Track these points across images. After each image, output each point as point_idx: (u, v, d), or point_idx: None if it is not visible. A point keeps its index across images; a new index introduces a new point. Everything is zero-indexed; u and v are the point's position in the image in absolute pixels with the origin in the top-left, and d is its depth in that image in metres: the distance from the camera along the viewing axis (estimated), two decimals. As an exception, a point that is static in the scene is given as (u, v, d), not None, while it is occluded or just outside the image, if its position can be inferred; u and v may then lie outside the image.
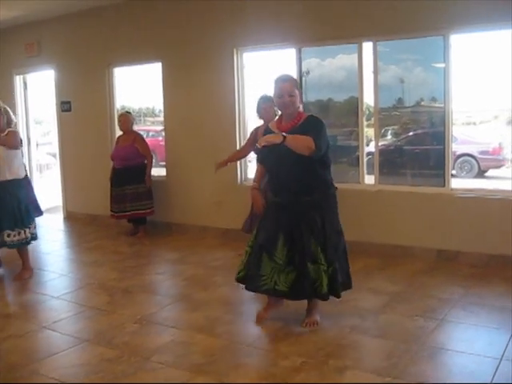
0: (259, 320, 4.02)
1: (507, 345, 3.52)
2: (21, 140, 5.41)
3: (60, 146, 8.65)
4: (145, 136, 7.75)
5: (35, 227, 5.44)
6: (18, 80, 9.05)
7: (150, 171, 7.03)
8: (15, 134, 5.31)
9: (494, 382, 3.07)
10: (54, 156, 11.63)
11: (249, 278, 3.95)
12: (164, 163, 7.83)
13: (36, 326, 4.11)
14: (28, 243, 5.37)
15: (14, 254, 5.47)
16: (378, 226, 5.90)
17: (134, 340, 3.80)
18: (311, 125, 3.77)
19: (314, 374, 3.25)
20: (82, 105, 8.17)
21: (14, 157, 5.25)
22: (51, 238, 7.55)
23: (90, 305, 4.57)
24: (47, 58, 8.44)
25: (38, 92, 9.48)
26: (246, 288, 4.01)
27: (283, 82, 3.82)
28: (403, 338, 3.69)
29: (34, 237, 5.42)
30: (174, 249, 6.47)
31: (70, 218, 8.43)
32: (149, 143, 7.29)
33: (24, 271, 5.42)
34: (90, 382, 3.22)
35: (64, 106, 8.39)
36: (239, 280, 4.07)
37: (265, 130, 4.07)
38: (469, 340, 3.66)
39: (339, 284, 3.87)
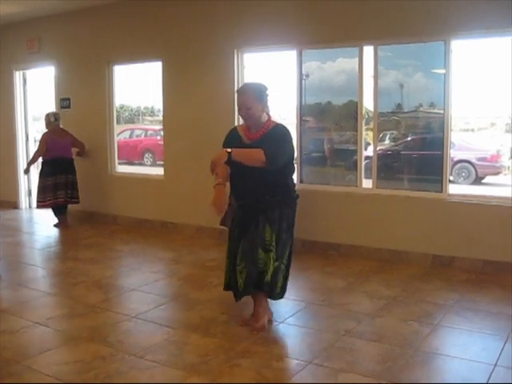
0: (242, 324, 3.99)
1: (501, 351, 3.52)
2: None
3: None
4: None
5: None
6: (18, 76, 9.04)
7: (29, 162, 8.02)
8: None
9: (487, 387, 3.08)
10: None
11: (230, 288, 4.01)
12: (162, 162, 7.83)
13: (30, 322, 4.09)
14: None
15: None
16: (374, 230, 5.91)
17: (128, 338, 3.79)
18: (273, 136, 3.76)
19: (308, 376, 3.24)
20: (82, 102, 8.16)
21: None
22: (47, 235, 7.53)
23: (85, 302, 4.55)
24: (47, 55, 8.44)
25: (38, 88, 9.47)
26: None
27: (241, 94, 3.80)
28: (398, 342, 3.69)
29: None
30: (170, 248, 6.47)
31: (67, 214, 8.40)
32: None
33: None
34: (84, 380, 3.21)
35: (63, 103, 8.38)
36: (226, 288, 4.08)
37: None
38: (463, 345, 3.66)
39: (277, 284, 3.82)
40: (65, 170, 7.72)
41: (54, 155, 7.59)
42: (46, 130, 7.85)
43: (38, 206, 7.84)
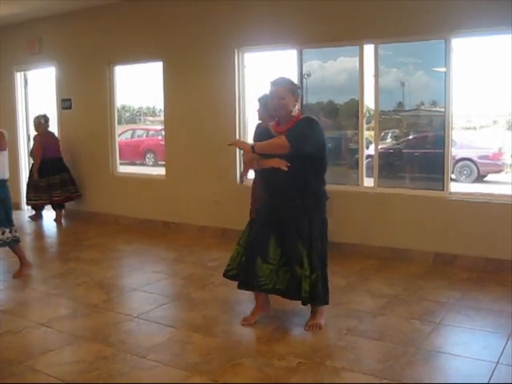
0: (245, 323, 4.00)
1: (503, 349, 3.52)
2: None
3: (60, 144, 8.64)
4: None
5: (16, 230, 5.30)
6: (19, 77, 9.05)
7: (34, 168, 7.91)
8: (2, 134, 5.18)
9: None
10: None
11: (242, 279, 3.96)
12: (163, 162, 7.84)
13: (32, 322, 4.10)
14: (15, 242, 5.26)
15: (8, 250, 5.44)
16: (376, 229, 5.90)
17: (130, 338, 3.80)
18: (300, 124, 3.78)
19: (310, 374, 3.25)
20: (83, 102, 8.17)
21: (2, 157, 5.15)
22: (49, 235, 7.55)
23: (87, 302, 4.56)
24: (48, 55, 8.45)
25: (39, 89, 9.46)
26: (239, 287, 4.03)
27: (275, 85, 3.84)
28: (400, 340, 3.69)
29: (17, 239, 5.28)
30: (172, 248, 6.47)
31: (69, 215, 8.41)
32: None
33: (23, 267, 5.37)
34: (86, 380, 3.21)
35: (64, 104, 8.39)
36: (229, 277, 4.12)
37: (261, 130, 4.09)
38: (465, 344, 3.66)
39: (320, 292, 3.83)
40: (58, 170, 7.95)
41: (46, 156, 7.80)
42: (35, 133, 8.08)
43: (31, 205, 8.17)
